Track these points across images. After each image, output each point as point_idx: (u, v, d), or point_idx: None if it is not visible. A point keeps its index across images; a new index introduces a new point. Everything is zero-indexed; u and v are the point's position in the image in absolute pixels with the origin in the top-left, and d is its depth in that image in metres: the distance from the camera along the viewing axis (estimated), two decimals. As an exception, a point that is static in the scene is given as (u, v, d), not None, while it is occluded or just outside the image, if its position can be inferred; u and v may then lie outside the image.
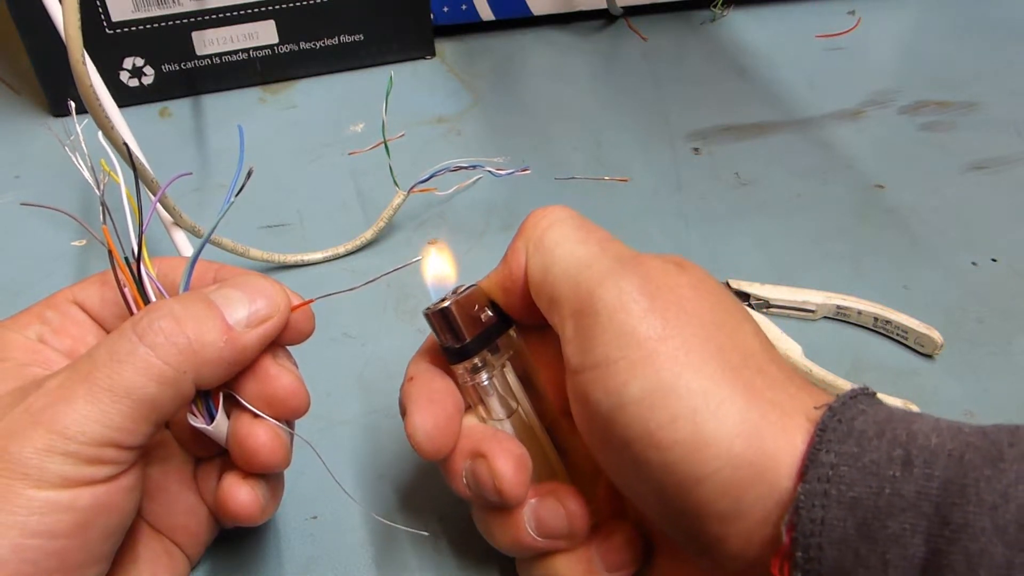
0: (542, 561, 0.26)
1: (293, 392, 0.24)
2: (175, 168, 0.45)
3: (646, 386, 0.21)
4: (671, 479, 0.21)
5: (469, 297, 0.25)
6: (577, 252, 0.24)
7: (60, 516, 0.20)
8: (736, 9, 0.59)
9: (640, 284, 0.22)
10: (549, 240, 0.24)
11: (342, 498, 0.30)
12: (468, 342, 0.25)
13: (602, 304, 0.22)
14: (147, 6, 0.47)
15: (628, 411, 0.21)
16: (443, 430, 0.25)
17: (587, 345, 0.22)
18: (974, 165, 0.46)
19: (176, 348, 0.22)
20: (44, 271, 0.39)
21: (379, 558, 0.29)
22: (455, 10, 0.55)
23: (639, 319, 0.22)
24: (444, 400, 0.25)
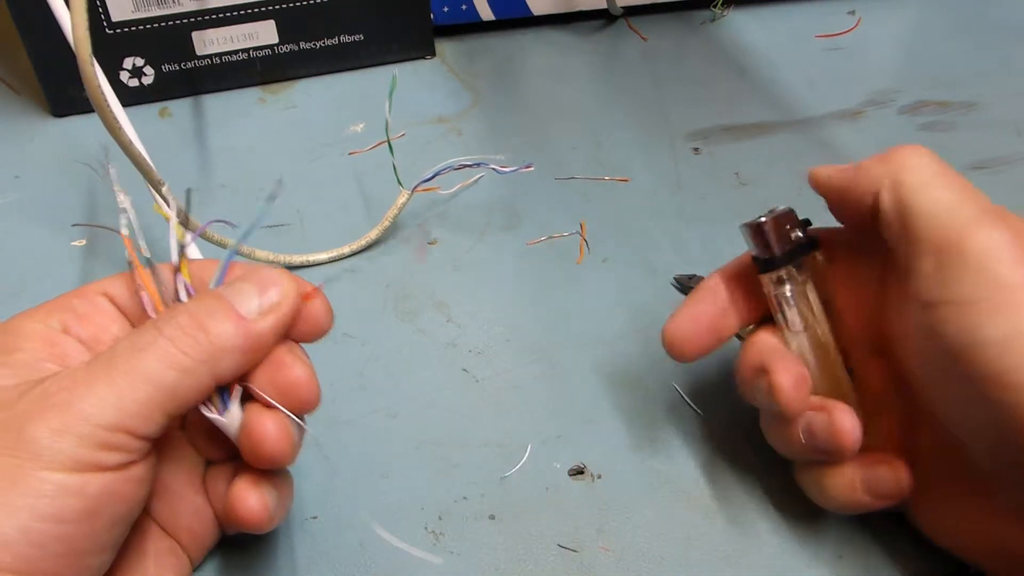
0: (814, 467, 0.28)
1: (305, 382, 0.25)
2: (174, 168, 0.45)
3: (1007, 330, 0.23)
4: (1016, 421, 0.22)
5: (782, 216, 0.28)
6: (942, 196, 0.25)
7: (69, 500, 0.21)
8: (736, 9, 0.59)
9: (1010, 235, 0.24)
10: (912, 180, 0.26)
11: (342, 498, 0.30)
12: (777, 255, 0.28)
13: (972, 246, 0.24)
14: (147, 6, 0.47)
15: (984, 350, 0.23)
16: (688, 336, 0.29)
17: (948, 281, 0.24)
18: (974, 165, 0.46)
19: (194, 339, 0.23)
20: (44, 271, 0.39)
21: (379, 558, 0.29)
22: (455, 10, 0.55)
23: (1009, 267, 0.23)
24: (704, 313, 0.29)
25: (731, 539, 0.29)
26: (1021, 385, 0.22)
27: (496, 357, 0.36)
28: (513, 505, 0.30)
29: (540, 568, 0.29)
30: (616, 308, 0.38)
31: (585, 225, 0.42)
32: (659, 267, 0.40)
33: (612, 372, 0.35)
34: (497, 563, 0.29)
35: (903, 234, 0.26)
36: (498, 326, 0.37)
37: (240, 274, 0.25)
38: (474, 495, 0.31)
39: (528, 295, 0.38)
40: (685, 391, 0.34)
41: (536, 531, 0.30)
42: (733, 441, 0.32)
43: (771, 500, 0.30)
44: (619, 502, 0.30)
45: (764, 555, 0.29)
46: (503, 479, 0.31)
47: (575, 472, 0.31)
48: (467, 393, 0.34)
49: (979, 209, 0.25)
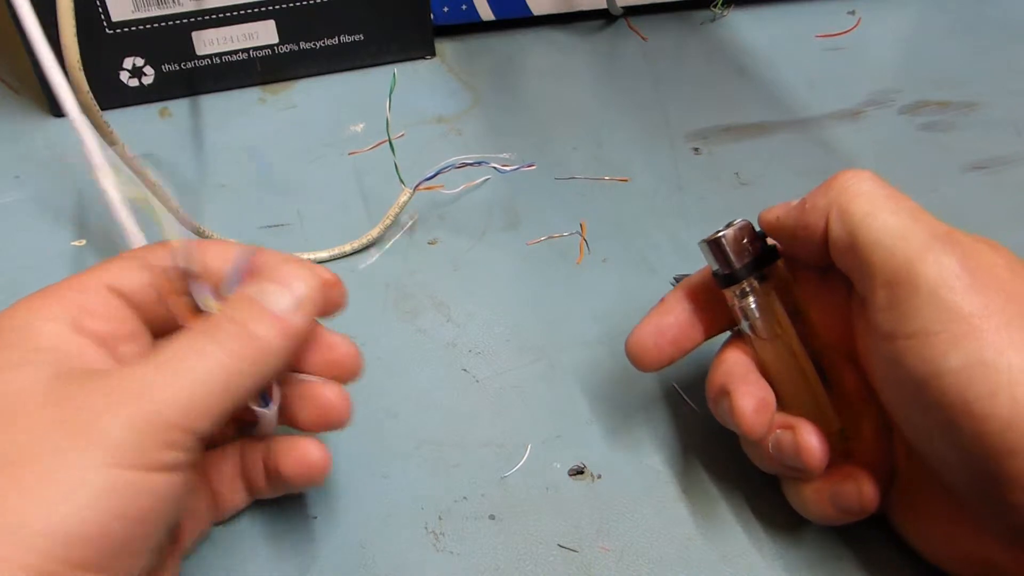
0: (791, 480, 0.29)
1: (353, 356, 0.28)
2: (175, 168, 0.45)
3: (967, 359, 0.23)
4: (982, 449, 0.22)
5: (739, 231, 0.28)
6: (890, 223, 0.25)
7: (137, 498, 0.21)
8: (736, 9, 0.59)
9: (960, 261, 0.24)
10: (858, 208, 0.26)
11: (342, 498, 0.30)
12: (736, 269, 0.28)
13: (923, 279, 0.24)
14: (147, 6, 0.46)
15: (945, 380, 0.23)
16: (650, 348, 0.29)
17: (904, 315, 0.24)
18: (974, 165, 0.46)
19: (244, 345, 0.24)
20: (44, 271, 0.39)
21: (379, 558, 0.29)
22: (455, 10, 0.55)
23: (961, 295, 0.23)
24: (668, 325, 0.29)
25: (731, 539, 0.29)
26: (985, 414, 0.22)
27: (496, 357, 0.36)
28: (513, 505, 0.30)
29: (540, 568, 0.29)
30: (616, 308, 0.38)
31: (585, 225, 0.42)
32: (659, 267, 0.40)
33: (612, 372, 0.35)
34: (497, 563, 0.29)
35: (855, 266, 0.26)
36: (498, 326, 0.37)
37: (262, 269, 0.26)
38: (474, 495, 0.31)
39: (528, 295, 0.38)
40: (685, 391, 0.34)
41: (536, 531, 0.30)
42: (733, 441, 0.32)
43: (771, 500, 0.30)
44: (619, 502, 0.30)
45: (764, 555, 0.29)
46: (503, 479, 0.31)
47: (575, 472, 0.31)
48: (467, 393, 0.34)
49: (928, 235, 0.24)
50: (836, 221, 0.26)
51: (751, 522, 0.30)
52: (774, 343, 0.28)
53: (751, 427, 0.27)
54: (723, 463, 0.32)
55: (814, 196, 0.27)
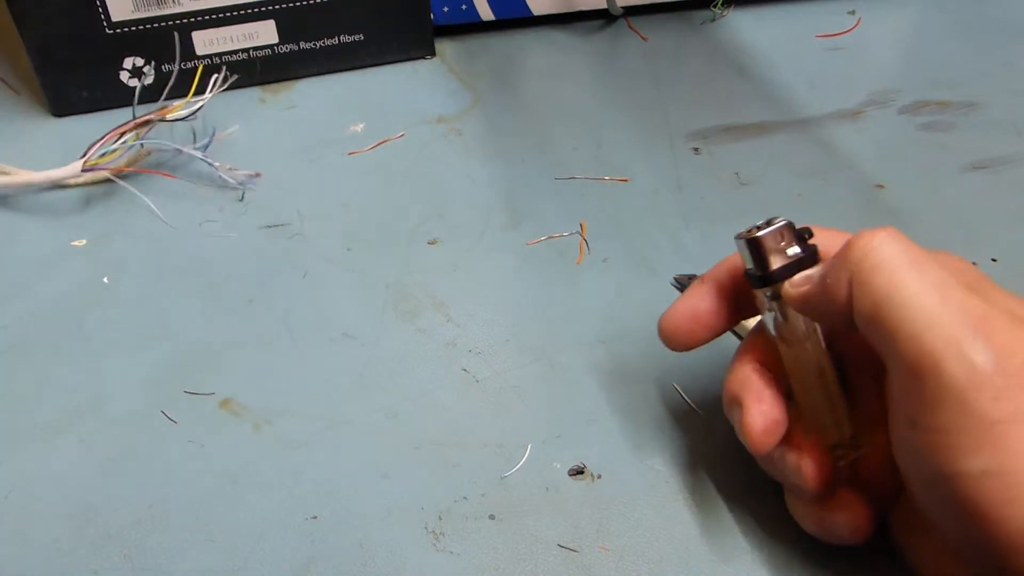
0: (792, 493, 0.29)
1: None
2: (175, 168, 0.45)
3: (987, 467, 0.21)
4: (995, 544, 0.22)
5: (780, 231, 0.27)
6: (916, 305, 0.23)
7: None
8: (736, 9, 0.59)
9: (992, 360, 0.22)
10: (881, 282, 0.24)
11: (342, 498, 0.30)
12: (771, 271, 0.27)
13: (950, 378, 0.22)
14: (147, 6, 0.47)
15: (963, 481, 0.22)
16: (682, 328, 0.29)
17: (926, 407, 0.22)
18: (974, 165, 0.46)
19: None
20: (44, 271, 0.39)
21: (379, 558, 0.29)
22: (455, 10, 0.55)
23: (990, 402, 0.22)
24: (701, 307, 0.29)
25: (731, 539, 0.29)
26: (1000, 518, 0.21)
27: (496, 357, 0.36)
28: (513, 505, 0.30)
29: (540, 568, 0.29)
30: (616, 308, 0.38)
31: (585, 225, 0.42)
32: (659, 267, 0.40)
33: (612, 372, 0.35)
34: (497, 563, 0.29)
35: (879, 343, 0.24)
36: (498, 326, 0.37)
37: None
38: (474, 495, 0.31)
39: (528, 295, 0.38)
40: (685, 391, 0.34)
41: (536, 531, 0.30)
42: (733, 441, 0.32)
43: (771, 501, 0.30)
44: (619, 502, 0.30)
45: (764, 556, 0.29)
46: (503, 479, 0.31)
47: (575, 472, 0.31)
48: (467, 393, 0.34)
49: (959, 322, 0.22)
50: (858, 296, 0.24)
51: (751, 522, 0.30)
52: (799, 347, 0.28)
53: (756, 447, 0.27)
54: (723, 463, 0.32)
55: (833, 268, 0.25)
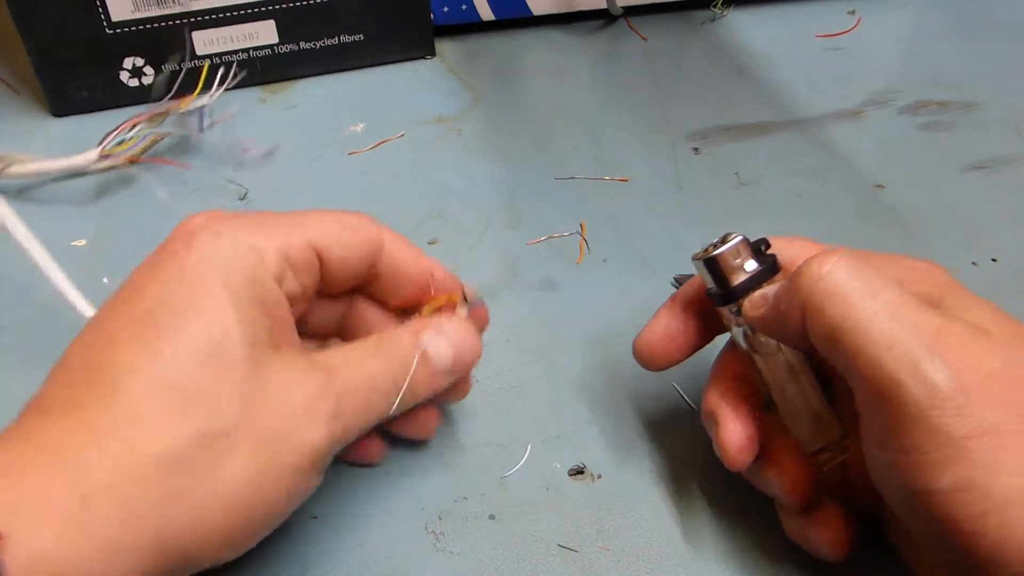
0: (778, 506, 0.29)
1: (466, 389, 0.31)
2: (174, 168, 0.45)
3: (956, 483, 0.22)
4: (975, 557, 0.22)
5: (736, 248, 0.27)
6: (869, 328, 0.23)
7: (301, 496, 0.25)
8: (736, 9, 0.59)
9: (953, 378, 0.22)
10: (833, 311, 0.23)
11: (342, 498, 0.30)
12: (731, 288, 0.27)
13: (911, 399, 0.22)
14: (147, 6, 0.46)
15: (936, 498, 0.22)
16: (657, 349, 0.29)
17: (892, 429, 0.23)
18: (974, 165, 0.46)
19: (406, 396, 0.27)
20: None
21: (379, 558, 0.29)
22: (455, 10, 0.55)
23: (953, 419, 0.22)
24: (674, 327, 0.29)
25: (731, 539, 0.29)
26: (975, 532, 0.22)
27: (496, 357, 0.36)
28: (513, 505, 0.30)
29: (540, 568, 0.29)
30: (616, 308, 0.38)
31: (585, 225, 0.42)
32: (659, 267, 0.40)
33: (612, 372, 0.35)
34: (497, 563, 0.29)
35: (840, 369, 0.24)
36: (498, 326, 0.37)
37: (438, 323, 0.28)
38: (474, 495, 0.31)
39: (528, 295, 0.38)
40: (685, 391, 0.34)
41: (536, 531, 0.30)
42: (733, 441, 0.32)
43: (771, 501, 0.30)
44: (619, 502, 0.30)
45: (765, 555, 0.29)
46: (503, 479, 0.31)
47: (575, 472, 0.31)
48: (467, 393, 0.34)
49: (916, 342, 0.22)
50: (812, 324, 0.24)
51: (751, 523, 0.30)
52: (771, 358, 0.28)
53: (732, 464, 0.27)
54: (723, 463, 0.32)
55: (786, 295, 0.25)
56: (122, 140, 0.43)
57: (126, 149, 0.43)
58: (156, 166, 0.44)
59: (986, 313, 0.24)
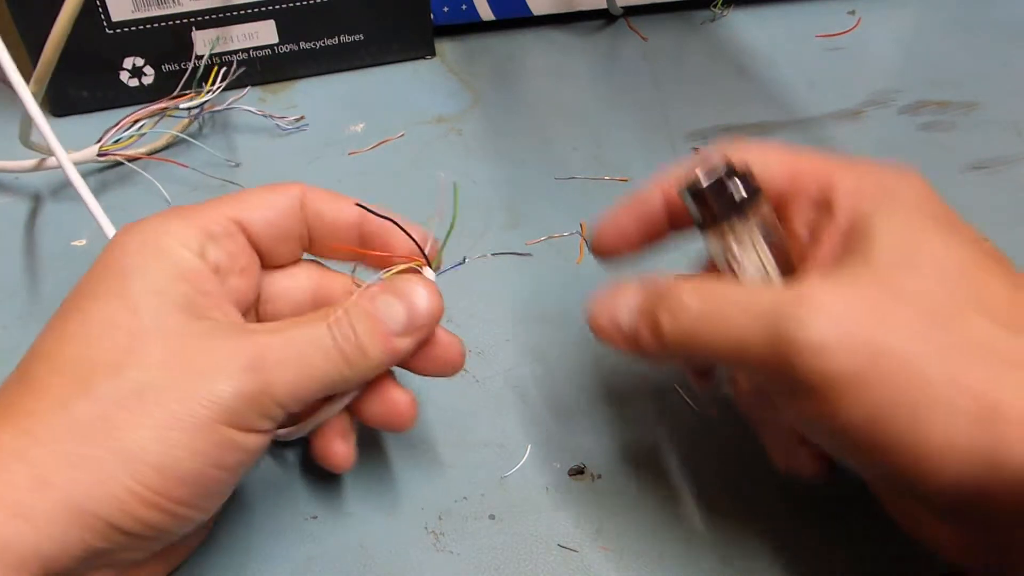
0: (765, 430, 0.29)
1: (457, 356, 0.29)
2: (174, 168, 0.45)
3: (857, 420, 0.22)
4: (899, 485, 0.23)
5: (722, 178, 0.26)
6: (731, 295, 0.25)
7: (234, 453, 0.24)
8: (736, 9, 0.59)
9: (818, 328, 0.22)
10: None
11: (342, 498, 0.30)
12: (717, 214, 0.26)
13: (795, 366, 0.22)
14: (147, 6, 0.47)
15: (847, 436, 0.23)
16: (614, 235, 0.29)
17: (790, 388, 0.23)
18: (974, 165, 0.46)
19: (354, 355, 0.26)
20: (43, 271, 0.39)
21: (379, 558, 0.29)
22: (455, 10, 0.55)
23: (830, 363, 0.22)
24: (636, 216, 0.29)
25: (731, 540, 0.29)
26: (893, 463, 0.22)
27: (496, 357, 0.36)
28: (513, 505, 0.30)
29: (540, 568, 0.29)
30: (616, 308, 0.38)
31: (585, 225, 0.42)
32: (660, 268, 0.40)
33: (612, 372, 0.35)
34: (497, 563, 0.29)
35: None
36: (498, 326, 0.37)
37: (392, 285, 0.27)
38: (474, 495, 0.31)
39: (528, 295, 0.38)
40: (685, 391, 0.34)
41: (536, 531, 0.30)
42: (734, 441, 0.32)
43: (772, 501, 0.30)
44: (619, 502, 0.30)
45: (765, 556, 0.29)
46: (503, 479, 0.31)
47: (575, 472, 0.31)
48: (467, 393, 0.34)
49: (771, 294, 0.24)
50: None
51: (751, 523, 0.30)
52: (758, 278, 0.27)
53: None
54: (723, 463, 0.32)
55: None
56: (119, 139, 0.43)
57: (124, 147, 0.43)
58: (155, 165, 0.44)
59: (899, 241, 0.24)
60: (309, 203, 0.28)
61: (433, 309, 0.27)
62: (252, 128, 0.48)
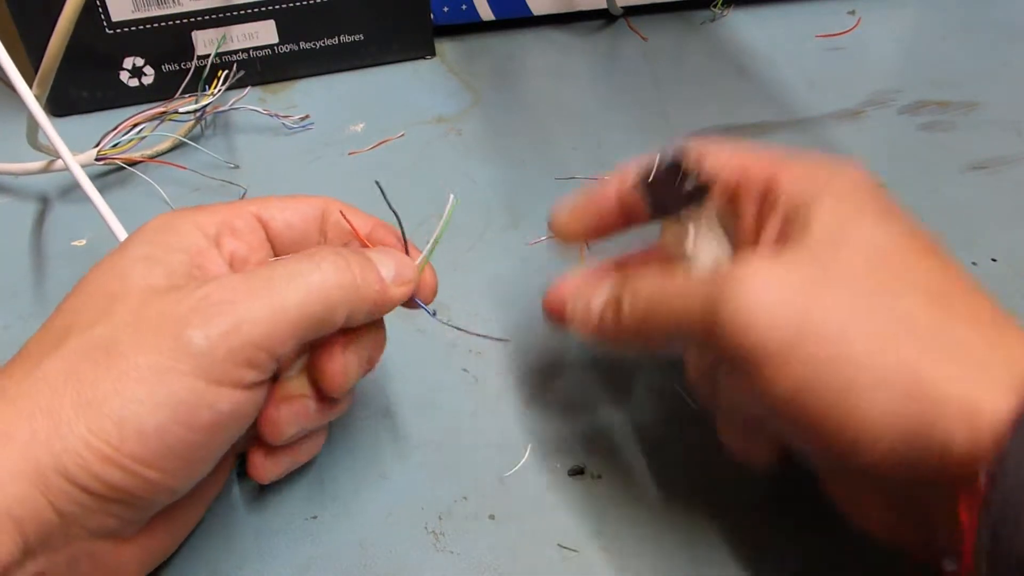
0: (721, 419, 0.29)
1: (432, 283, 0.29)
2: (174, 170, 0.45)
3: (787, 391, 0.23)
4: (829, 457, 0.24)
5: (673, 168, 0.28)
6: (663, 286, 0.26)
7: (203, 412, 0.22)
8: (736, 9, 0.59)
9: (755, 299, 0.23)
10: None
11: (342, 498, 0.30)
12: (670, 205, 0.28)
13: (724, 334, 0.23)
14: (147, 6, 0.47)
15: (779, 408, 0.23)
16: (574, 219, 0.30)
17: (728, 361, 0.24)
18: (974, 165, 0.46)
19: (345, 280, 0.25)
20: (43, 271, 0.39)
21: (379, 558, 0.29)
22: (455, 10, 0.55)
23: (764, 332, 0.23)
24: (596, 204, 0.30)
25: (731, 539, 0.29)
26: (822, 435, 0.22)
27: (496, 357, 0.36)
28: (513, 505, 0.30)
29: (540, 568, 0.29)
30: (616, 308, 0.38)
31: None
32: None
33: (612, 372, 0.35)
34: (497, 563, 0.29)
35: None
36: (498, 326, 0.37)
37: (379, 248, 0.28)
38: (474, 495, 0.31)
39: (528, 295, 0.38)
40: (686, 391, 0.34)
41: (536, 531, 0.30)
42: (733, 441, 0.32)
43: (772, 500, 0.30)
44: (619, 502, 0.30)
45: (764, 555, 0.29)
46: (503, 479, 0.31)
47: (575, 472, 0.31)
48: (467, 393, 0.34)
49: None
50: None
51: (751, 523, 0.30)
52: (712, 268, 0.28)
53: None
54: (723, 463, 0.32)
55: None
56: (117, 143, 0.43)
57: (123, 151, 0.43)
58: (155, 167, 0.44)
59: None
60: (329, 214, 0.29)
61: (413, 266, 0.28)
62: (251, 129, 0.48)
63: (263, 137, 0.47)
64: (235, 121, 0.49)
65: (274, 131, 0.48)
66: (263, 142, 0.47)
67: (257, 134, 0.48)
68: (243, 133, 0.48)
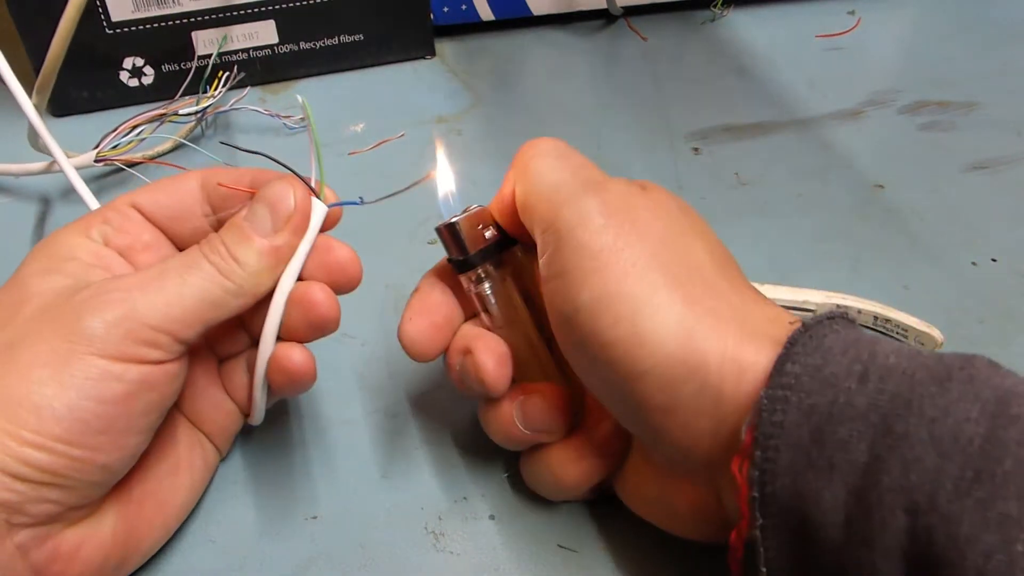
0: (536, 453, 0.29)
1: (349, 259, 0.28)
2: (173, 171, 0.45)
3: (595, 293, 0.24)
4: (616, 375, 0.24)
5: (476, 215, 0.28)
6: (550, 177, 0.27)
7: (111, 384, 0.24)
8: (736, 9, 0.59)
9: (599, 204, 0.25)
10: (532, 169, 0.27)
11: (342, 498, 0.30)
12: (471, 255, 0.28)
13: (563, 222, 0.25)
14: (147, 6, 0.47)
15: (580, 315, 0.24)
16: (426, 335, 0.28)
17: (551, 257, 0.25)
18: (974, 165, 0.46)
19: (231, 268, 0.26)
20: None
21: (379, 558, 0.29)
22: (455, 10, 0.55)
23: (593, 234, 0.25)
24: (435, 311, 0.29)
25: (731, 539, 0.29)
26: (610, 341, 0.24)
27: (496, 357, 0.36)
28: (513, 505, 0.30)
29: (540, 568, 0.29)
30: (616, 308, 0.38)
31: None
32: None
33: (612, 372, 0.35)
34: (497, 563, 0.29)
35: (529, 220, 0.27)
36: (498, 326, 0.37)
37: (262, 190, 0.28)
38: (474, 495, 0.31)
39: (528, 295, 0.38)
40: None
41: (536, 531, 0.30)
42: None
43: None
44: (619, 502, 0.30)
45: (764, 555, 0.29)
46: (503, 479, 0.31)
47: (575, 472, 0.31)
48: (467, 393, 0.34)
49: (579, 185, 0.26)
50: (518, 184, 0.27)
51: (751, 522, 0.30)
52: (510, 329, 0.29)
53: (494, 380, 0.28)
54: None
55: (507, 179, 0.28)
56: (117, 144, 0.43)
57: (122, 153, 0.43)
58: (156, 167, 0.44)
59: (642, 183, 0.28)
60: (207, 181, 0.29)
61: (299, 200, 0.28)
62: (252, 129, 0.48)
63: (263, 137, 0.47)
64: (235, 121, 0.49)
65: (275, 131, 0.48)
66: (263, 142, 0.47)
67: (257, 134, 0.48)
68: (243, 133, 0.48)
